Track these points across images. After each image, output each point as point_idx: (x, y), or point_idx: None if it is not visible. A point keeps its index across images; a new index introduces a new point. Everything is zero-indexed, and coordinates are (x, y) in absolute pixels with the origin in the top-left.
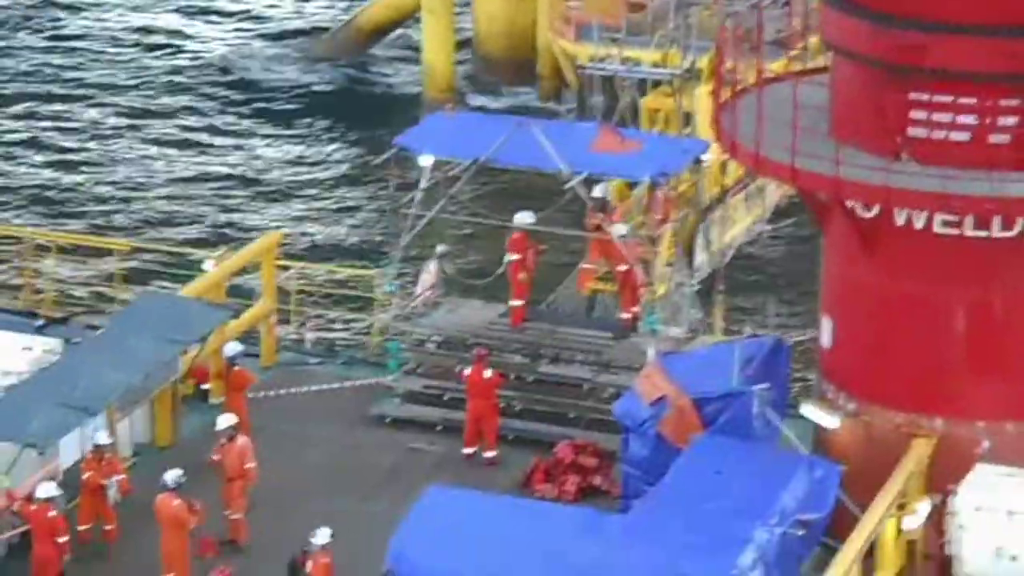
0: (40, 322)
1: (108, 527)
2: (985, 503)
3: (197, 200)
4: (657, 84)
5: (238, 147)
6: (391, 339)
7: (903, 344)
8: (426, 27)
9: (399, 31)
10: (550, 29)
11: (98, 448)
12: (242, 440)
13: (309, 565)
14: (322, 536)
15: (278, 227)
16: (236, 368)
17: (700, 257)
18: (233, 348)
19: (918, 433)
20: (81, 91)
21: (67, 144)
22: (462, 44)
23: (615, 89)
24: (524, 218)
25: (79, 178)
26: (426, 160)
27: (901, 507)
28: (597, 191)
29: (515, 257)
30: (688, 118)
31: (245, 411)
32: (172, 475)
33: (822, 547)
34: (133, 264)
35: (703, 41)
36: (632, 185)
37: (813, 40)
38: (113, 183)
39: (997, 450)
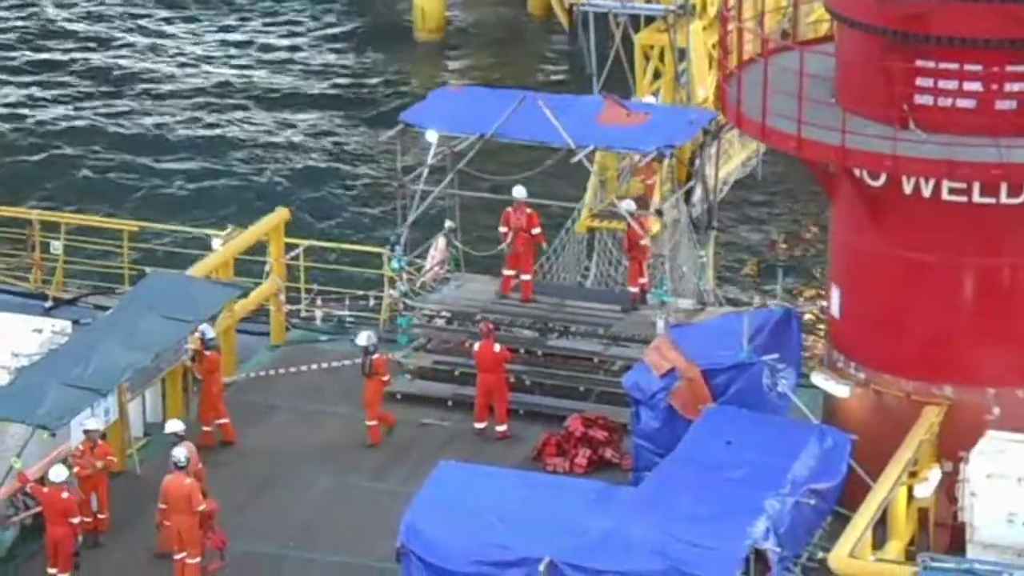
0: (49, 303)
1: (101, 516)
2: (996, 470)
3: (204, 178)
4: (651, 20)
5: (243, 123)
6: (401, 315)
7: (912, 312)
8: None
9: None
10: None
11: (89, 434)
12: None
13: None
14: None
15: (285, 204)
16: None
17: (696, 193)
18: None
19: (928, 401)
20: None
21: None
22: None
23: (608, 26)
24: (522, 191)
25: (85, 159)
26: (432, 136)
27: (912, 475)
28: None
29: (537, 231)
30: (683, 54)
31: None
32: (181, 453)
33: (834, 516)
34: (141, 244)
35: None
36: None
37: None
38: (117, 163)
39: (1007, 416)
